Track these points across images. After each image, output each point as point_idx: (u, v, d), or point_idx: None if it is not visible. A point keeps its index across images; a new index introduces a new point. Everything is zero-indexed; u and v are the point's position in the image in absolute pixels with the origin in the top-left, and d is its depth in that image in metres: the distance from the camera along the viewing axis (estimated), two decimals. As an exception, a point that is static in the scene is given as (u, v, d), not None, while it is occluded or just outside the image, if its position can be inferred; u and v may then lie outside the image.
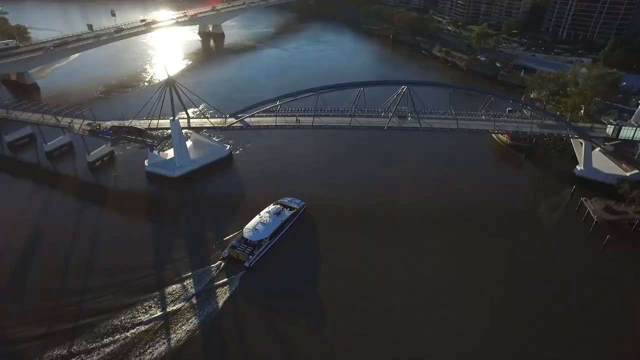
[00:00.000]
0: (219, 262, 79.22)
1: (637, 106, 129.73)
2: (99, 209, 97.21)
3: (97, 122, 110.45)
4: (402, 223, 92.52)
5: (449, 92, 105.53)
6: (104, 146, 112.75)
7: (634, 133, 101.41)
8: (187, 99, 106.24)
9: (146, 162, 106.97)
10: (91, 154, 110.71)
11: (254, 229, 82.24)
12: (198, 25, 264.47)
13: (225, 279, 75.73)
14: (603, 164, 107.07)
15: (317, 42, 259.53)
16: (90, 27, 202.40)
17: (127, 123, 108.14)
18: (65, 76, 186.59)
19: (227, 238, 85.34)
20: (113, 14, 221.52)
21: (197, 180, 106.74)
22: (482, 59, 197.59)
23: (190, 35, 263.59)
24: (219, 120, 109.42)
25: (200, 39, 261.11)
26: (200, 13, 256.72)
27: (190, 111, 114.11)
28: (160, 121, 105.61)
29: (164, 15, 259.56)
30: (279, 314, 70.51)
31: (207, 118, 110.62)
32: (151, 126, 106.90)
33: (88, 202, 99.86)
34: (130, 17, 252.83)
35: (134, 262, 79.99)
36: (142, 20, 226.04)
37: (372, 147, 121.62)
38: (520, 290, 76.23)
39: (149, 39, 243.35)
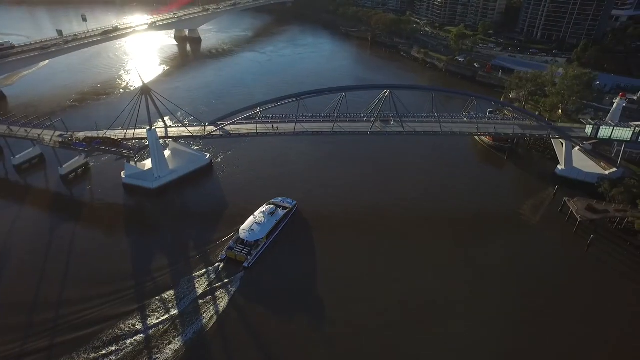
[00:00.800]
0: (217, 264, 79.46)
1: (611, 105, 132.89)
2: (73, 223, 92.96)
3: (69, 133, 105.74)
4: (389, 222, 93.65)
5: (431, 95, 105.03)
6: (77, 158, 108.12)
7: (612, 132, 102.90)
8: (164, 107, 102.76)
9: (123, 174, 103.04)
10: (64, 166, 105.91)
11: (250, 229, 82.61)
12: (174, 30, 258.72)
13: (226, 280, 76.23)
14: (583, 163, 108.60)
15: (295, 45, 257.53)
16: (60, 32, 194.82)
17: (101, 134, 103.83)
18: (34, 84, 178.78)
19: (213, 245, 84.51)
20: (84, 19, 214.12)
21: (178, 191, 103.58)
22: (461, 59, 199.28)
23: (166, 40, 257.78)
24: (197, 128, 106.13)
25: (177, 43, 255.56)
26: (176, 17, 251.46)
27: (167, 119, 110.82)
28: (137, 131, 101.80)
29: (138, 19, 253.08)
30: (282, 311, 71.42)
31: (186, 127, 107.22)
32: (127, 136, 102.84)
33: (62, 217, 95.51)
34: (103, 21, 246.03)
35: (125, 270, 79.02)
36: (115, 25, 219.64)
37: (356, 150, 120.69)
38: (506, 290, 76.55)
39: (123, 44, 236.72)
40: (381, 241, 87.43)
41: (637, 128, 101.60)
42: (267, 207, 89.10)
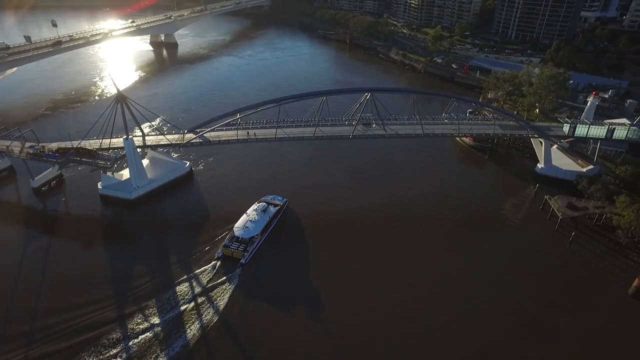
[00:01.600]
0: (213, 262, 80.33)
1: (584, 103, 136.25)
2: (47, 237, 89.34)
3: (40, 145, 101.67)
4: (373, 221, 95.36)
5: (412, 97, 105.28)
6: (50, 170, 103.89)
7: (587, 130, 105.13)
8: (141, 115, 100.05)
9: (99, 185, 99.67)
10: (36, 178, 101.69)
11: (244, 226, 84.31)
12: (149, 35, 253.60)
13: (224, 278, 77.31)
14: (561, 161, 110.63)
15: (273, 48, 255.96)
16: (27, 38, 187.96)
17: (75, 144, 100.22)
18: (2, 93, 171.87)
19: (200, 252, 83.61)
20: (54, 24, 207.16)
21: (158, 200, 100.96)
22: (439, 60, 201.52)
23: (142, 46, 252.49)
24: (176, 136, 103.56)
25: (153, 49, 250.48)
26: (151, 22, 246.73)
27: (145, 127, 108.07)
28: (113, 140, 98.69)
29: (112, 24, 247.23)
30: (281, 304, 73.19)
31: (164, 135, 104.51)
32: (103, 146, 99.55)
33: (35, 231, 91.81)
34: (74, 27, 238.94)
35: (114, 276, 78.62)
36: (88, 31, 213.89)
37: (338, 151, 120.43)
38: (492, 287, 77.45)
39: (96, 50, 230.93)
40: (367, 238, 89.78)
41: (611, 126, 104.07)
42: (259, 204, 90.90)
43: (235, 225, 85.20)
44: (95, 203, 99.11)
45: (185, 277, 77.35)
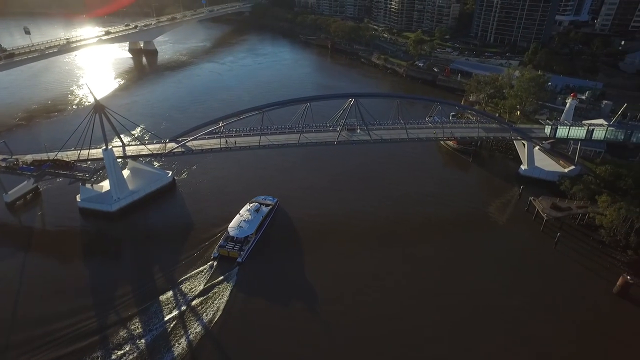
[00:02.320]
0: (210, 262, 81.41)
1: (563, 104, 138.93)
2: (23, 253, 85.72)
3: (14, 157, 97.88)
4: (360, 224, 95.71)
5: (396, 102, 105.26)
6: (25, 183, 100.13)
7: (568, 132, 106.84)
8: (120, 124, 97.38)
9: (78, 197, 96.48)
10: (9, 192, 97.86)
11: (239, 226, 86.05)
12: (128, 42, 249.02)
13: (222, 277, 78.41)
14: (543, 162, 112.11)
15: (255, 54, 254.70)
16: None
17: (52, 156, 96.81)
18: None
19: (191, 256, 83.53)
20: (27, 32, 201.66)
21: (141, 212, 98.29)
22: (420, 64, 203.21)
23: (121, 53, 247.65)
24: (158, 146, 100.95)
25: (132, 56, 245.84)
26: (130, 29, 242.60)
27: (125, 137, 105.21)
28: (92, 151, 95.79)
29: (88, 32, 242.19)
30: (281, 300, 74.99)
31: (145, 144, 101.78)
32: (81, 157, 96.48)
33: (8, 247, 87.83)
34: (48, 34, 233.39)
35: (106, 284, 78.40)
36: (64, 38, 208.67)
37: (323, 156, 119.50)
38: (480, 289, 77.72)
39: (72, 58, 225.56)
40: (356, 238, 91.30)
41: (590, 127, 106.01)
42: (251, 205, 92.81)
43: (230, 226, 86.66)
44: (74, 217, 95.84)
45: (182, 279, 78.08)
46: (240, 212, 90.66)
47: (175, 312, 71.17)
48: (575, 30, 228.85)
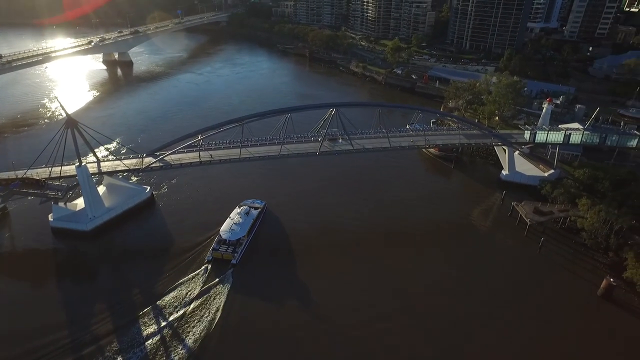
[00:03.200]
0: (205, 265, 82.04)
1: (539, 109, 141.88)
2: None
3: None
4: (343, 234, 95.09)
5: (377, 111, 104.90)
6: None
7: (547, 136, 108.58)
8: (94, 140, 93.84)
9: (50, 217, 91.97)
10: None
11: (230, 229, 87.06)
12: (102, 54, 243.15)
13: (217, 279, 79.26)
14: (524, 166, 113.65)
15: (233, 64, 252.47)
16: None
17: (20, 174, 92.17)
18: None
19: (175, 269, 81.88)
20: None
21: (118, 230, 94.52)
22: (399, 72, 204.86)
23: (94, 64, 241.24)
24: (134, 161, 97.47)
25: (106, 67, 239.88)
26: (104, 39, 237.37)
27: (100, 152, 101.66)
28: (64, 168, 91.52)
29: (60, 43, 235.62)
30: (277, 297, 76.90)
31: (121, 160, 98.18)
32: (53, 175, 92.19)
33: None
34: (17, 46, 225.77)
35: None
36: (34, 49, 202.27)
37: (305, 166, 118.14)
38: (466, 296, 77.65)
39: (43, 70, 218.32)
40: (341, 242, 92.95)
41: (567, 131, 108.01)
42: (240, 208, 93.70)
43: (221, 229, 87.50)
44: (46, 237, 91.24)
45: (177, 283, 78.25)
46: (231, 215, 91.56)
47: (174, 315, 71.63)
48: (546, 37, 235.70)
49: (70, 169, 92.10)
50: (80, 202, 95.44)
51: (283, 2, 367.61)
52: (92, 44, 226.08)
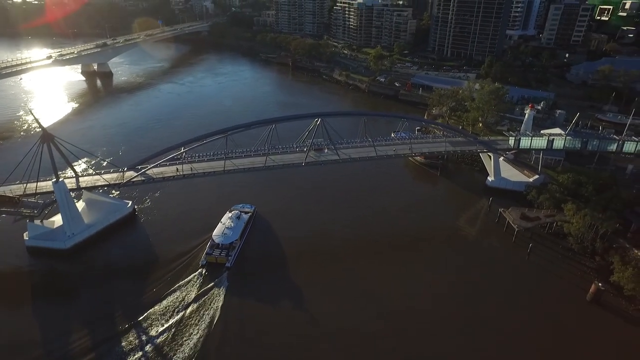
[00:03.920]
0: (199, 270, 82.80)
1: (521, 115, 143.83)
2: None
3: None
4: (331, 242, 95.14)
5: (362, 120, 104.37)
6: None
7: (531, 142, 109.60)
8: (72, 154, 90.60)
9: (26, 235, 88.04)
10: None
11: (223, 233, 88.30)
12: (80, 65, 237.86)
13: (212, 283, 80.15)
14: (509, 172, 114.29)
15: (215, 74, 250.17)
16: None
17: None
18: None
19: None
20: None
21: (99, 247, 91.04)
22: (382, 79, 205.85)
23: (73, 76, 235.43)
24: (115, 175, 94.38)
25: (85, 79, 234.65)
26: (82, 50, 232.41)
27: (80, 166, 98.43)
28: (40, 184, 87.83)
29: (36, 54, 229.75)
30: (274, 298, 78.43)
31: (101, 174, 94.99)
32: (28, 191, 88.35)
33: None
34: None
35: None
36: (8, 60, 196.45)
37: (291, 173, 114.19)
38: (456, 303, 77.36)
39: (18, 81, 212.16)
40: (332, 245, 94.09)
41: (550, 137, 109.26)
42: (231, 213, 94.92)
43: (214, 234, 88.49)
44: (21, 257, 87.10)
45: (173, 288, 78.80)
46: (222, 220, 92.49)
47: (173, 320, 72.27)
48: (525, 44, 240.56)
49: (46, 185, 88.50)
50: (58, 219, 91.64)
51: (265, 11, 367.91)
52: (52, 59, 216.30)
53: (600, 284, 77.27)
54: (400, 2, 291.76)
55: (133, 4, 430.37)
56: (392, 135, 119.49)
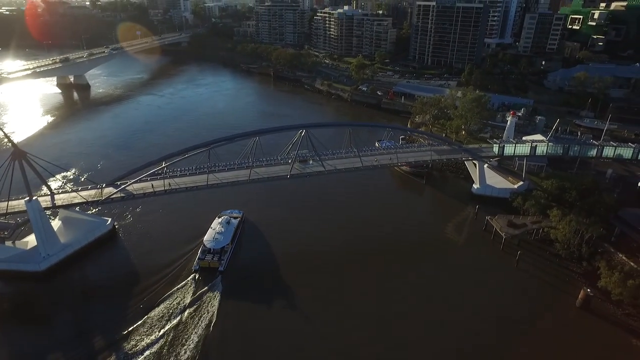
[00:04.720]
0: (192, 275, 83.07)
1: (503, 121, 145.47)
2: None
3: None
4: (320, 253, 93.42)
5: (347, 130, 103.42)
6: None
7: (514, 149, 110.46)
8: (47, 171, 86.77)
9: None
10: None
11: (214, 238, 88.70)
12: (56, 77, 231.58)
13: (206, 287, 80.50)
14: (494, 179, 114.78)
15: (196, 85, 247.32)
16: None
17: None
18: None
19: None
20: None
21: (77, 268, 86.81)
22: (364, 89, 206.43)
23: (48, 88, 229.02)
24: (93, 192, 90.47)
25: (61, 91, 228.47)
26: (57, 62, 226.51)
27: (55, 183, 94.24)
28: (12, 203, 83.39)
29: (8, 66, 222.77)
30: (268, 299, 79.24)
31: (77, 191, 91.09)
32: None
33: None
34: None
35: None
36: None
37: (275, 184, 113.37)
38: (443, 313, 76.31)
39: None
40: (321, 252, 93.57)
41: (533, 143, 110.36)
42: (221, 218, 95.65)
43: (205, 239, 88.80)
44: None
45: (168, 293, 78.64)
46: (212, 225, 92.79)
47: (170, 324, 72.35)
48: (502, 52, 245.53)
49: (19, 204, 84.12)
50: (31, 240, 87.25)
51: (245, 21, 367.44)
52: (27, 71, 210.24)
53: (588, 290, 77.38)
54: (380, 12, 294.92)
55: (111, 14, 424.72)
56: (377, 144, 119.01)
